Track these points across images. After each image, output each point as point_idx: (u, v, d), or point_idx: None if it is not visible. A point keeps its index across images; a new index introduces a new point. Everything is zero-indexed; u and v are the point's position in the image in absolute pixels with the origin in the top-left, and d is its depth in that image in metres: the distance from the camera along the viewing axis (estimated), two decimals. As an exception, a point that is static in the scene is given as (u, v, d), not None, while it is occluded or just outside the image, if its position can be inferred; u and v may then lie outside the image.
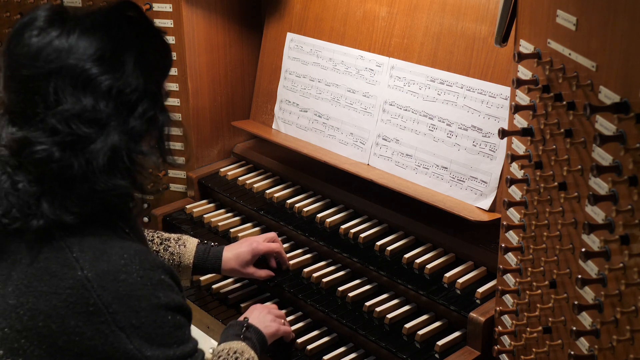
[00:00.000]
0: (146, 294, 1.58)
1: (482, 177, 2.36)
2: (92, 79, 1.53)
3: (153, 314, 1.58)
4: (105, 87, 1.54)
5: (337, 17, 2.81)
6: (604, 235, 1.47)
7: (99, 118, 1.54)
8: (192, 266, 2.41)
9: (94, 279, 1.54)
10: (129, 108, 1.58)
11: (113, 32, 1.58)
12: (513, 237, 1.97)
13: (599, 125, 1.49)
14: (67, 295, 1.54)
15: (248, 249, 2.49)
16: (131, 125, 1.58)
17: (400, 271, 2.41)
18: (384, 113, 2.63)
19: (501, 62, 2.34)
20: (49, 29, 1.56)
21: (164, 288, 1.62)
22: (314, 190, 2.86)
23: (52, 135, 1.52)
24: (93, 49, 1.54)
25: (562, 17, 1.62)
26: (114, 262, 1.57)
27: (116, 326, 1.54)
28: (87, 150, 1.53)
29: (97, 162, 1.53)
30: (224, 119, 3.14)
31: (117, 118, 1.56)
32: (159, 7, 2.90)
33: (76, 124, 1.52)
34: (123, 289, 1.55)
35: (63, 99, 1.52)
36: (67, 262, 1.56)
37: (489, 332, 2.13)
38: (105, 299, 1.54)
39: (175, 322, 1.63)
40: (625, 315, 1.43)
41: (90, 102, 1.53)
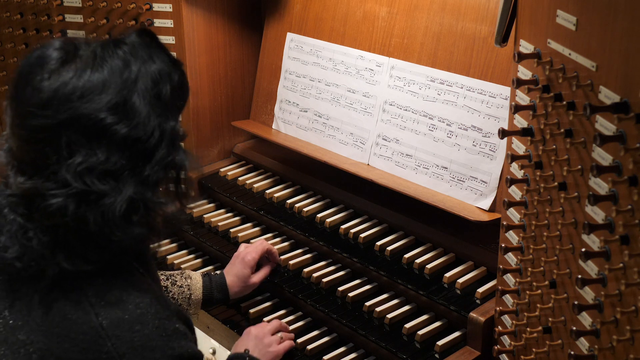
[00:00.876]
0: (161, 345, 1.55)
1: (482, 177, 2.36)
2: (105, 130, 1.46)
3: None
4: (120, 137, 1.47)
5: (337, 17, 2.81)
6: (604, 235, 1.47)
7: (112, 170, 1.47)
8: (202, 298, 2.36)
9: (108, 327, 1.51)
10: (145, 156, 1.51)
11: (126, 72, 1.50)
12: (513, 237, 1.97)
13: (599, 125, 1.49)
14: (79, 340, 1.50)
15: (242, 265, 2.46)
16: (147, 173, 1.51)
17: (400, 271, 2.41)
18: (384, 113, 2.63)
19: (501, 62, 2.34)
20: (61, 70, 1.47)
21: (179, 337, 1.59)
22: (314, 190, 2.86)
23: (64, 188, 1.46)
24: (107, 96, 1.47)
25: (562, 17, 1.62)
26: (130, 311, 1.53)
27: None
28: (101, 203, 1.47)
29: (114, 215, 1.47)
30: (224, 119, 3.14)
31: (132, 168, 1.50)
32: (159, 7, 2.90)
33: (90, 178, 1.46)
34: (138, 339, 1.52)
35: (76, 151, 1.45)
36: (81, 306, 1.52)
37: (489, 332, 2.13)
38: (119, 349, 1.50)
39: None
40: (625, 315, 1.43)
41: (104, 155, 1.46)
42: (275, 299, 2.58)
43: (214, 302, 2.42)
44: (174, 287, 2.33)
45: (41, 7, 3.06)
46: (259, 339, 2.24)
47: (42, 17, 3.07)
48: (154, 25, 2.91)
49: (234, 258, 2.51)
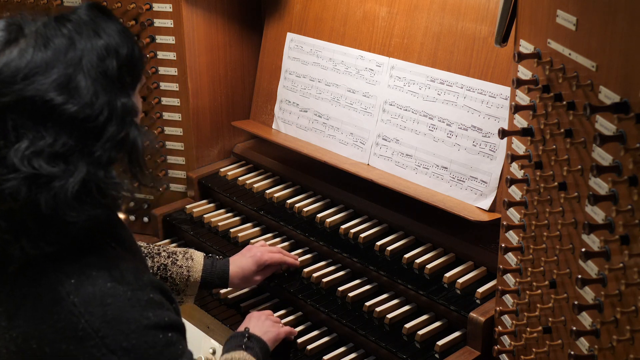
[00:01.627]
0: (135, 315, 1.53)
1: (482, 177, 2.36)
2: (52, 110, 1.43)
3: (143, 335, 1.54)
4: (67, 116, 1.44)
5: (337, 17, 2.81)
6: (604, 235, 1.47)
7: (61, 152, 1.44)
8: (200, 280, 2.36)
9: (80, 304, 1.50)
10: (95, 135, 1.48)
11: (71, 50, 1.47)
12: (513, 237, 1.97)
13: (599, 125, 1.49)
14: (54, 320, 1.50)
15: (252, 261, 2.46)
16: (98, 153, 1.48)
17: (400, 271, 2.41)
18: (384, 113, 2.63)
19: (501, 62, 2.34)
20: (5, 50, 1.45)
21: (154, 307, 1.57)
22: (314, 190, 2.86)
23: (14, 172, 1.42)
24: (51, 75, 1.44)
25: (562, 17, 1.62)
26: (100, 285, 1.51)
27: (107, 349, 1.50)
28: (52, 185, 1.44)
29: (65, 197, 1.44)
30: (224, 119, 3.14)
31: (82, 148, 1.46)
32: (159, 7, 2.90)
33: (38, 162, 1.42)
34: (111, 312, 1.50)
35: (23, 135, 1.42)
36: (52, 286, 1.51)
37: (489, 332, 2.13)
38: (93, 324, 1.49)
39: (167, 340, 1.58)
40: (625, 315, 1.43)
41: (52, 136, 1.43)
42: (275, 299, 2.58)
43: (211, 286, 2.43)
44: (174, 266, 2.33)
45: (41, 7, 3.06)
46: (261, 319, 2.25)
47: (42, 17, 3.07)
48: (154, 26, 2.91)
49: (247, 251, 2.51)
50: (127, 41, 1.56)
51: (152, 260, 2.32)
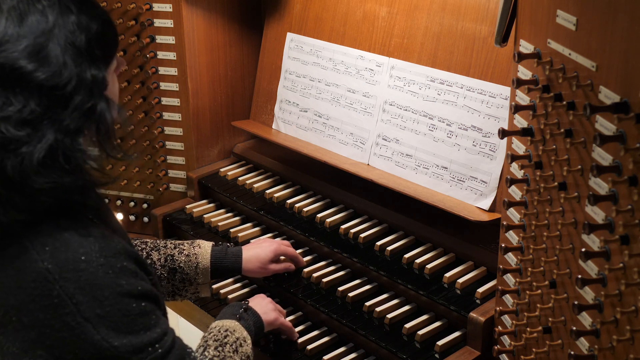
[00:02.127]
0: (108, 282, 1.55)
1: (482, 177, 2.36)
2: (23, 77, 1.47)
3: (117, 303, 1.56)
4: (36, 83, 1.47)
5: (337, 17, 2.81)
6: (604, 235, 1.47)
7: (30, 118, 1.47)
8: (210, 266, 2.36)
9: (54, 271, 1.52)
10: (63, 103, 1.51)
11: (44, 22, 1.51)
12: (513, 237, 1.97)
13: (599, 125, 1.49)
14: (31, 289, 1.52)
15: (271, 248, 2.47)
16: (66, 122, 1.51)
17: (400, 271, 2.41)
18: (384, 113, 2.63)
19: (501, 62, 2.34)
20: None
21: (127, 275, 1.59)
22: (314, 190, 2.86)
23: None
24: (23, 43, 1.48)
25: (562, 17, 1.62)
26: (72, 251, 1.54)
27: (81, 317, 1.53)
28: (20, 151, 1.47)
29: (31, 162, 1.47)
30: (224, 119, 3.14)
31: (50, 115, 1.50)
32: (159, 7, 2.90)
33: (6, 126, 1.46)
34: (84, 278, 1.53)
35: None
36: (28, 255, 1.54)
37: (489, 332, 2.13)
38: (67, 290, 1.52)
39: (140, 309, 1.61)
40: (625, 315, 1.43)
41: (21, 102, 1.47)
42: (276, 299, 2.58)
43: (224, 272, 2.41)
44: (181, 255, 2.33)
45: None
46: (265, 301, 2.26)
47: (42, 17, 3.07)
48: (154, 26, 2.92)
49: (262, 241, 2.54)
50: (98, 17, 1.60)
51: (159, 253, 2.32)
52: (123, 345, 1.56)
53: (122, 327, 1.57)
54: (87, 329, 1.53)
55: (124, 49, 2.95)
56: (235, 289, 2.64)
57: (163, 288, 2.30)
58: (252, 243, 2.55)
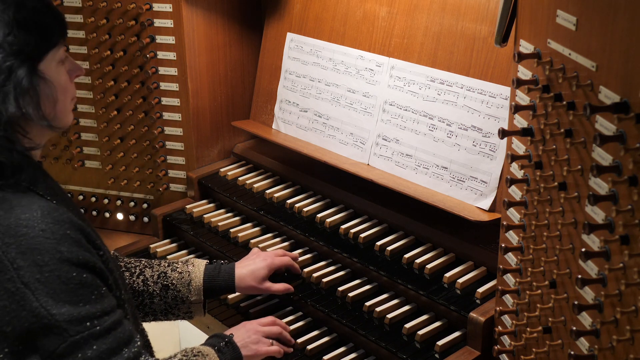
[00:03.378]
0: (48, 247, 1.58)
1: (482, 177, 2.36)
2: None
3: (57, 269, 1.58)
4: None
5: (337, 17, 2.81)
6: (604, 235, 1.47)
7: None
8: (203, 284, 2.31)
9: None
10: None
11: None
12: (513, 237, 1.97)
13: (599, 125, 1.49)
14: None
15: (264, 264, 2.41)
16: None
17: (400, 271, 2.41)
18: (384, 113, 2.64)
19: (501, 62, 2.34)
20: None
21: (69, 242, 1.61)
22: (314, 190, 2.86)
23: None
24: None
25: (562, 17, 1.62)
26: (15, 216, 1.58)
27: (21, 282, 1.55)
28: None
29: None
30: (224, 119, 3.14)
31: None
32: (159, 7, 2.90)
33: None
34: (25, 242, 1.56)
35: None
36: None
37: (489, 332, 2.13)
38: (9, 255, 1.55)
39: (81, 279, 1.62)
40: (625, 315, 1.43)
41: None
42: (276, 299, 2.58)
43: (217, 291, 2.36)
44: (174, 272, 2.31)
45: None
46: (249, 332, 2.21)
47: (42, 17, 3.07)
48: (154, 26, 2.91)
49: (256, 255, 2.46)
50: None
51: (152, 270, 2.31)
52: (61, 314, 1.57)
53: (61, 294, 1.58)
54: (27, 295, 1.55)
55: (124, 49, 2.95)
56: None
57: (155, 306, 2.29)
58: (245, 258, 2.48)
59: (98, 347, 1.62)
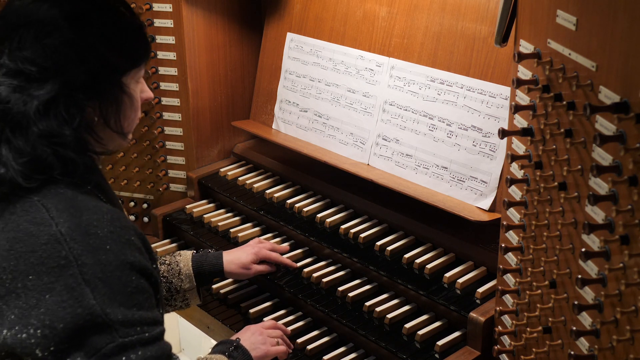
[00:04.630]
0: (115, 249, 1.61)
1: (482, 177, 2.36)
2: (55, 30, 1.63)
3: (119, 271, 1.60)
4: (65, 38, 1.63)
5: (337, 17, 2.81)
6: (604, 235, 1.47)
7: (47, 66, 1.62)
8: (193, 270, 2.39)
9: (66, 233, 1.58)
10: (79, 61, 1.65)
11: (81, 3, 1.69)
12: (513, 237, 1.97)
13: (599, 125, 1.49)
14: (42, 251, 1.57)
15: (252, 251, 2.51)
16: (77, 77, 1.64)
17: (400, 271, 2.41)
18: (384, 113, 2.63)
19: (501, 62, 2.34)
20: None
21: (132, 248, 1.65)
22: (314, 190, 2.86)
23: (3, 77, 1.61)
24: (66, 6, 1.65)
25: (562, 17, 1.62)
26: (86, 216, 1.61)
27: (82, 279, 1.56)
28: (28, 92, 1.61)
29: (34, 104, 1.60)
30: (224, 119, 3.14)
31: (66, 69, 1.64)
32: (159, 7, 2.90)
33: (26, 65, 1.61)
34: (93, 241, 1.59)
35: (24, 47, 1.62)
36: (43, 220, 1.59)
37: (489, 332, 2.13)
38: (75, 251, 1.57)
39: (138, 285, 1.64)
40: (625, 315, 1.43)
41: (46, 50, 1.62)
42: (275, 299, 2.58)
43: (206, 275, 2.44)
44: (163, 265, 2.38)
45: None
46: (255, 334, 2.24)
47: (42, 17, 3.07)
48: (154, 26, 2.91)
49: (245, 245, 2.57)
50: (134, 16, 1.85)
51: None
52: (115, 315, 1.58)
53: (118, 296, 1.60)
54: (86, 292, 1.56)
55: (124, 49, 2.95)
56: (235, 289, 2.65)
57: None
58: (236, 248, 2.57)
59: (143, 354, 1.63)
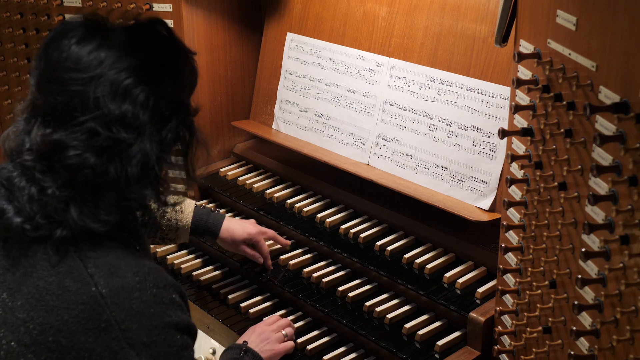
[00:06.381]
0: (158, 312, 1.58)
1: (482, 177, 2.36)
2: (131, 89, 1.57)
3: (164, 333, 1.59)
4: (143, 97, 1.58)
5: (337, 17, 2.81)
6: (604, 235, 1.47)
7: (137, 125, 1.57)
8: (191, 225, 2.47)
9: (107, 295, 1.54)
10: (164, 119, 1.63)
11: (150, 47, 1.64)
12: (513, 237, 1.97)
13: (599, 125, 1.49)
14: (79, 310, 1.53)
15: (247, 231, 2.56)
16: (164, 135, 1.63)
17: (400, 271, 2.41)
18: (384, 113, 2.63)
19: (501, 62, 2.34)
20: (88, 38, 1.60)
21: (175, 307, 1.63)
22: (314, 190, 2.86)
23: (89, 139, 1.54)
24: (133, 61, 1.58)
25: (562, 17, 1.62)
26: (128, 279, 1.57)
27: (127, 343, 1.54)
28: (122, 155, 1.56)
29: (132, 169, 1.56)
30: (224, 119, 3.14)
31: (152, 127, 1.60)
32: (159, 7, 2.90)
33: (117, 127, 1.55)
34: (136, 306, 1.55)
35: (103, 105, 1.54)
36: (81, 277, 1.55)
37: (489, 332, 2.13)
38: (118, 316, 1.54)
39: (183, 342, 1.63)
40: (625, 315, 1.43)
41: (130, 109, 1.56)
42: (275, 299, 2.58)
43: (202, 231, 2.54)
44: (163, 219, 2.42)
45: (41, 7, 3.06)
46: (261, 335, 2.25)
47: (42, 17, 3.07)
48: (154, 25, 2.91)
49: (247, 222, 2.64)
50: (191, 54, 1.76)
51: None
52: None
53: (164, 357, 1.59)
54: (130, 356, 1.55)
55: (124, 49, 2.95)
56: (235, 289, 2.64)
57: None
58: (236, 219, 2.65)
59: None
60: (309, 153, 2.79)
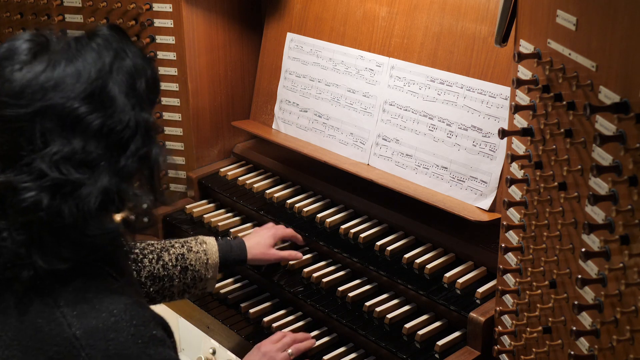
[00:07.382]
0: (137, 352, 1.50)
1: (482, 177, 2.36)
2: (81, 119, 1.44)
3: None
4: (95, 126, 1.45)
5: (337, 17, 2.81)
6: (604, 235, 1.47)
7: (89, 160, 1.45)
8: (219, 260, 2.43)
9: (82, 337, 1.47)
10: (121, 147, 1.49)
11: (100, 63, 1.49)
12: (513, 237, 1.97)
13: (599, 125, 1.49)
14: (53, 352, 1.47)
15: (269, 234, 2.58)
16: (122, 164, 1.49)
17: (400, 271, 2.41)
18: (384, 113, 2.63)
19: (501, 62, 2.34)
20: (33, 62, 1.46)
21: (156, 344, 1.54)
22: (314, 190, 2.86)
23: (39, 180, 1.42)
24: (81, 85, 1.45)
25: (562, 17, 1.62)
26: (104, 319, 1.49)
27: None
28: (76, 194, 1.44)
29: (89, 207, 1.44)
30: (224, 119, 3.14)
31: (108, 158, 1.47)
32: (159, 7, 2.90)
33: (67, 167, 1.43)
34: (113, 347, 1.48)
35: (51, 141, 1.42)
36: (53, 317, 1.48)
37: (489, 332, 2.13)
38: (94, 358, 1.46)
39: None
40: (625, 315, 1.43)
41: (80, 144, 1.44)
42: (276, 299, 2.58)
43: (231, 264, 2.50)
44: (190, 253, 2.38)
45: (41, 7, 3.06)
46: (265, 355, 2.23)
47: (42, 17, 3.07)
48: (154, 25, 2.91)
49: (260, 229, 2.65)
50: (149, 63, 1.60)
51: (169, 253, 2.34)
52: None
53: None
54: None
55: (124, 49, 2.95)
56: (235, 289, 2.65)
57: (175, 288, 2.34)
58: (252, 232, 2.64)
59: None
60: (309, 153, 2.79)
